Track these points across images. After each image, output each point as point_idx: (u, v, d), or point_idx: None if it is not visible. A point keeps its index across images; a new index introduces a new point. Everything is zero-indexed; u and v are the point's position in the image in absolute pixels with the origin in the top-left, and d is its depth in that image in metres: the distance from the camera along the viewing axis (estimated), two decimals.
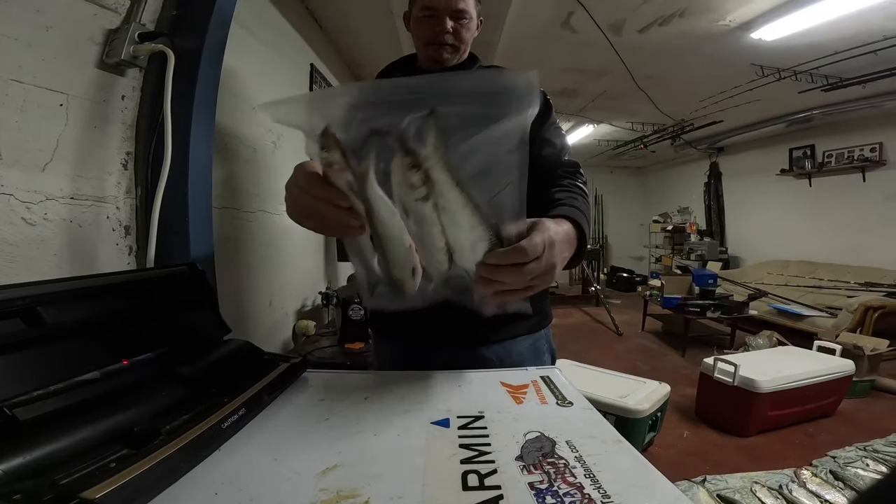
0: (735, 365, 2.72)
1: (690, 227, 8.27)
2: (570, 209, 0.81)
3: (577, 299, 7.74)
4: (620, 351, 4.85)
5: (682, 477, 1.80)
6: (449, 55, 1.07)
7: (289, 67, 2.51)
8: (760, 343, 3.89)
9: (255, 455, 0.52)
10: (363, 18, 3.11)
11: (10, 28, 0.81)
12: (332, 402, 0.68)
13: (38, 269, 0.86)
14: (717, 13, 3.30)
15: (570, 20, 3.42)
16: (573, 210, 0.81)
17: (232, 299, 1.61)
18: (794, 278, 5.92)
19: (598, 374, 2.79)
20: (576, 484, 0.46)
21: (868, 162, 5.42)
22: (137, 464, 0.43)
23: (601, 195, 9.98)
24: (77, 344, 0.57)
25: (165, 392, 0.58)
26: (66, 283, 0.62)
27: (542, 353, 1.05)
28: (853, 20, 3.30)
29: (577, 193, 0.91)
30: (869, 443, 2.11)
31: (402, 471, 0.48)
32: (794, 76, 4.35)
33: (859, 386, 3.25)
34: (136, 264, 1.09)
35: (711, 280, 5.07)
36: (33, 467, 0.40)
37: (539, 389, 0.73)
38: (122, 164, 1.07)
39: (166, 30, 1.10)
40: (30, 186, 0.85)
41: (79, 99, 0.95)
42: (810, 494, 1.70)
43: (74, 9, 0.94)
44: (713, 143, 7.41)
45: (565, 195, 0.90)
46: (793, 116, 5.75)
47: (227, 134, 1.65)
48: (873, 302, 4.33)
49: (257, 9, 2.01)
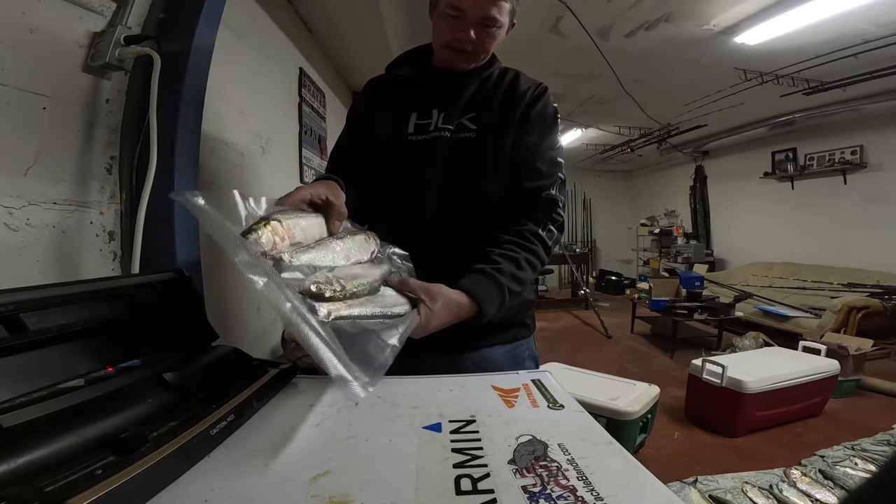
0: (723, 366, 2.74)
1: (677, 231, 8.35)
2: (481, 280, 0.86)
3: (566, 303, 7.79)
4: (610, 353, 4.88)
5: (673, 478, 1.81)
6: (465, 63, 1.01)
7: (278, 71, 2.50)
8: (747, 344, 3.92)
9: (245, 462, 0.51)
10: (353, 23, 3.11)
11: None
12: (322, 407, 0.67)
13: (20, 276, 0.84)
14: (702, 18, 3.35)
15: (559, 25, 3.46)
16: (484, 281, 0.86)
17: (219, 305, 1.60)
18: (779, 280, 6.01)
19: (588, 377, 2.80)
20: (569, 486, 0.46)
21: (849, 164, 5.52)
22: (124, 471, 0.42)
23: (589, 199, 10.06)
24: (61, 351, 0.56)
25: (152, 399, 0.57)
26: (50, 290, 0.60)
27: (521, 361, 1.04)
28: (833, 24, 3.36)
29: (523, 252, 0.93)
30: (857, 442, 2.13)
31: (394, 476, 0.48)
32: (776, 80, 4.43)
33: (845, 385, 3.29)
34: (121, 270, 1.08)
35: (698, 282, 5.13)
36: (18, 474, 0.39)
37: (530, 393, 0.73)
38: (107, 169, 1.05)
39: (153, 33, 1.09)
40: (12, 191, 0.84)
41: (62, 102, 0.94)
42: (801, 494, 1.72)
43: (59, 11, 0.93)
44: (698, 147, 7.52)
45: (503, 255, 0.91)
46: (775, 120, 5.86)
47: (215, 138, 1.64)
48: (856, 302, 4.40)
49: (246, 12, 2.00)
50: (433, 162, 1.00)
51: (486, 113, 1.01)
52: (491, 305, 0.85)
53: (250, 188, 1.88)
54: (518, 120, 1.00)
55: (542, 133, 1.01)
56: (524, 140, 1.00)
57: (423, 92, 1.05)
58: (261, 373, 0.72)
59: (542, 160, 0.99)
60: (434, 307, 0.75)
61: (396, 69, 1.11)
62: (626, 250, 9.90)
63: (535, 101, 1.02)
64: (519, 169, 0.99)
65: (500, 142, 1.00)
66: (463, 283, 0.84)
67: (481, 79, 1.05)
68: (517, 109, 1.01)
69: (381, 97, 1.11)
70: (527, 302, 1.06)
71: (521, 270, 0.91)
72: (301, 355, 2.10)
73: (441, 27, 0.98)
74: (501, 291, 0.87)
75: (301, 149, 2.86)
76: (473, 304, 0.83)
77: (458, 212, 0.99)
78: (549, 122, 1.03)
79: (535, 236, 0.95)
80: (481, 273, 0.87)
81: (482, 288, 0.85)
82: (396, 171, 1.05)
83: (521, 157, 0.99)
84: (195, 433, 0.52)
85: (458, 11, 0.92)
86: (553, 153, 1.01)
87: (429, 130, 1.01)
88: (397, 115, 1.05)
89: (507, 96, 1.02)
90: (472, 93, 1.03)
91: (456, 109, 1.01)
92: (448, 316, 0.78)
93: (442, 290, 0.79)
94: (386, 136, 1.05)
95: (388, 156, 1.06)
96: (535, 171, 0.98)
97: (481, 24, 0.94)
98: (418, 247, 0.89)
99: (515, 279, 0.90)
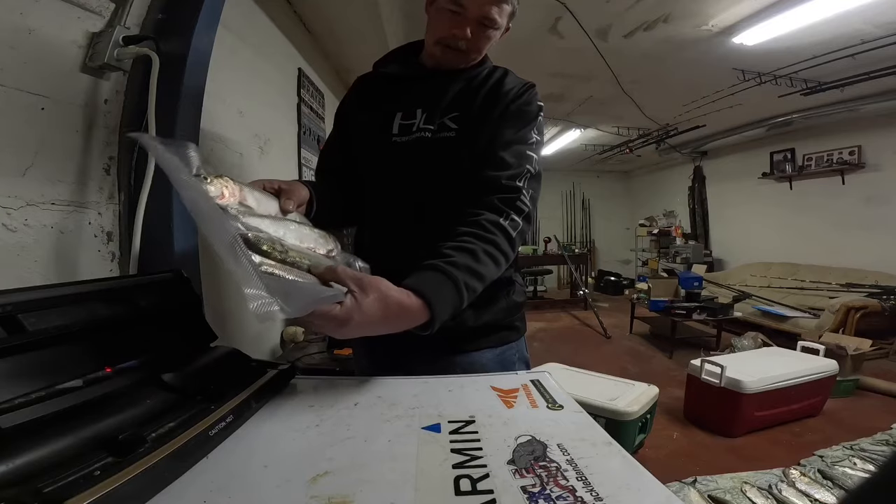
0: (721, 366, 2.75)
1: (676, 231, 8.36)
2: (433, 276, 0.73)
3: (565, 303, 7.80)
4: (609, 354, 4.88)
5: (672, 478, 1.81)
6: (456, 61, 0.99)
7: (276, 72, 2.50)
8: (745, 344, 3.93)
9: (244, 462, 0.51)
10: (352, 23, 3.11)
11: None
12: (321, 408, 0.67)
13: (18, 276, 0.84)
14: (700, 18, 3.35)
15: (557, 25, 3.46)
16: (436, 277, 0.73)
17: (218, 306, 1.59)
18: (777, 280, 6.01)
19: (587, 377, 2.80)
20: (568, 487, 0.46)
21: (847, 165, 5.53)
22: (123, 472, 0.42)
23: (588, 199, 10.07)
24: (59, 351, 0.56)
25: (151, 399, 0.57)
26: (48, 290, 0.60)
27: (511, 364, 1.01)
28: (831, 24, 3.37)
29: (481, 243, 0.80)
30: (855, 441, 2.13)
31: (393, 476, 0.48)
32: (774, 80, 4.44)
33: (843, 385, 3.30)
34: (119, 271, 1.07)
35: (697, 283, 5.13)
36: (17, 475, 0.39)
37: (529, 393, 0.73)
38: (105, 169, 1.05)
39: (151, 33, 1.09)
40: (10, 192, 0.83)
41: (60, 103, 0.94)
42: (800, 494, 1.72)
43: (58, 12, 0.92)
44: (697, 148, 7.53)
45: (457, 247, 0.78)
46: (773, 120, 5.87)
47: (214, 139, 1.64)
48: (855, 302, 4.41)
49: (245, 12, 2.00)
50: (413, 165, 0.97)
51: (468, 112, 0.96)
52: (444, 305, 0.71)
53: None
54: (497, 116, 0.95)
55: (517, 128, 0.95)
56: (496, 133, 0.93)
57: (409, 90, 1.03)
58: (259, 373, 0.72)
59: (508, 151, 0.91)
60: (362, 300, 0.62)
61: (384, 66, 1.08)
62: (625, 251, 9.91)
63: (517, 97, 0.96)
64: (482, 161, 0.91)
65: (475, 140, 0.94)
66: (408, 282, 0.70)
67: (468, 78, 1.01)
68: (498, 106, 0.95)
69: (368, 95, 1.08)
70: (515, 304, 1.03)
71: (479, 263, 0.77)
72: (301, 356, 2.10)
73: (438, 21, 0.95)
74: (457, 288, 0.73)
75: (300, 149, 2.86)
76: (422, 304, 0.68)
77: (436, 217, 0.92)
78: (529, 118, 0.96)
79: (495, 225, 0.83)
80: (430, 269, 0.74)
81: (432, 285, 0.71)
82: (379, 174, 1.02)
83: (488, 149, 0.92)
84: (194, 434, 0.51)
85: (459, 7, 0.90)
86: (522, 147, 0.93)
87: (411, 131, 0.98)
88: (383, 116, 1.02)
89: (491, 94, 0.97)
90: (457, 92, 0.99)
91: (439, 109, 0.97)
92: (381, 314, 0.64)
93: (381, 283, 0.66)
94: (371, 137, 1.02)
95: (372, 158, 1.03)
96: (497, 161, 0.90)
97: (480, 23, 0.92)
98: (396, 254, 0.83)
99: (473, 273, 0.76)
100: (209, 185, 0.61)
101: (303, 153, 2.89)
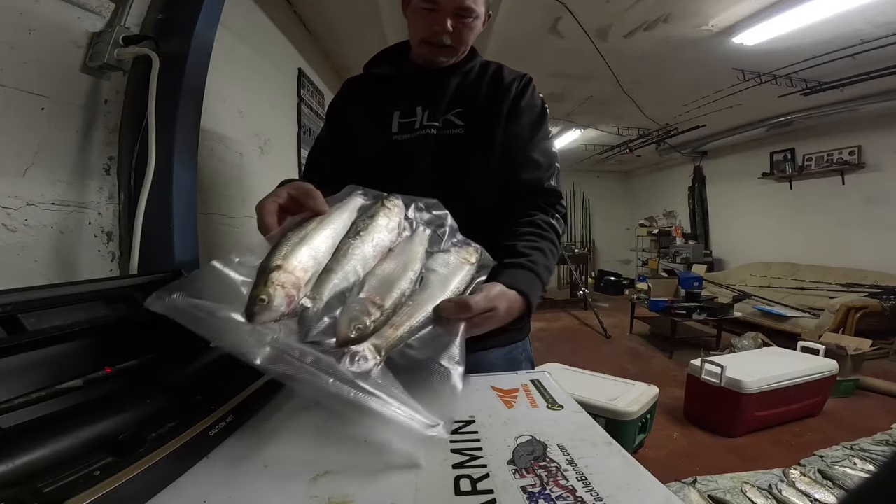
0: (721, 366, 2.75)
1: (676, 231, 8.36)
2: (524, 274, 0.78)
3: (565, 303, 7.80)
4: (609, 354, 4.89)
5: (672, 478, 1.81)
6: (445, 57, 0.99)
7: (276, 72, 2.50)
8: (745, 344, 3.93)
9: (244, 462, 0.51)
10: (352, 23, 3.11)
11: None
12: (321, 408, 0.67)
13: (18, 276, 0.84)
14: (700, 18, 3.35)
15: (558, 25, 3.46)
16: (527, 275, 0.79)
17: None
18: (777, 280, 6.02)
19: (587, 377, 2.80)
20: (568, 487, 0.46)
21: (847, 165, 5.54)
22: (123, 472, 0.42)
23: (588, 199, 10.07)
24: (59, 351, 0.56)
25: (151, 399, 0.57)
26: (48, 290, 0.60)
27: (518, 363, 1.01)
28: (831, 24, 3.38)
29: (544, 241, 0.87)
30: (855, 441, 2.13)
31: (393, 476, 0.48)
32: (774, 80, 4.44)
33: (843, 385, 3.30)
34: (119, 271, 1.07)
35: (697, 283, 5.14)
36: (17, 475, 0.39)
37: (529, 393, 0.73)
38: (105, 169, 1.05)
39: (151, 33, 1.09)
40: (10, 192, 0.83)
41: (61, 103, 0.94)
42: (799, 494, 1.72)
43: (58, 12, 0.93)
44: (697, 148, 7.53)
45: (529, 245, 0.85)
46: (773, 120, 5.88)
47: (213, 138, 1.63)
48: (855, 302, 4.41)
49: (245, 12, 2.00)
50: (419, 161, 0.97)
51: (473, 107, 0.98)
52: (535, 300, 0.78)
53: (249, 188, 1.88)
54: (507, 112, 0.98)
55: (534, 124, 0.99)
56: (515, 131, 0.97)
57: (403, 90, 1.03)
58: (260, 373, 0.72)
59: (537, 151, 0.96)
60: (496, 314, 0.67)
61: (375, 68, 1.08)
62: (625, 251, 9.91)
63: (521, 92, 1.00)
64: (514, 162, 0.96)
65: (489, 136, 0.97)
66: (506, 280, 0.74)
67: (463, 73, 1.02)
68: (505, 101, 0.98)
69: (360, 96, 1.08)
70: None
71: (548, 260, 0.85)
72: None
73: (417, 22, 0.96)
74: (542, 283, 0.81)
75: (300, 149, 2.86)
76: (523, 300, 0.74)
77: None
78: (539, 112, 1.00)
79: (549, 225, 0.91)
80: (518, 267, 0.80)
81: (527, 283, 0.77)
82: (381, 172, 1.01)
83: (514, 148, 0.97)
84: (194, 434, 0.51)
85: (433, 4, 0.91)
86: (547, 143, 0.99)
87: (414, 129, 0.98)
88: (380, 114, 1.02)
89: (493, 88, 1.00)
90: (456, 87, 1.01)
91: (441, 105, 0.99)
92: (506, 317, 0.70)
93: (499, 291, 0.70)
94: (369, 135, 1.02)
95: (372, 156, 1.03)
96: (531, 162, 0.95)
97: (457, 15, 0.92)
98: None
99: (548, 269, 0.84)
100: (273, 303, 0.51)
101: (303, 153, 2.89)
